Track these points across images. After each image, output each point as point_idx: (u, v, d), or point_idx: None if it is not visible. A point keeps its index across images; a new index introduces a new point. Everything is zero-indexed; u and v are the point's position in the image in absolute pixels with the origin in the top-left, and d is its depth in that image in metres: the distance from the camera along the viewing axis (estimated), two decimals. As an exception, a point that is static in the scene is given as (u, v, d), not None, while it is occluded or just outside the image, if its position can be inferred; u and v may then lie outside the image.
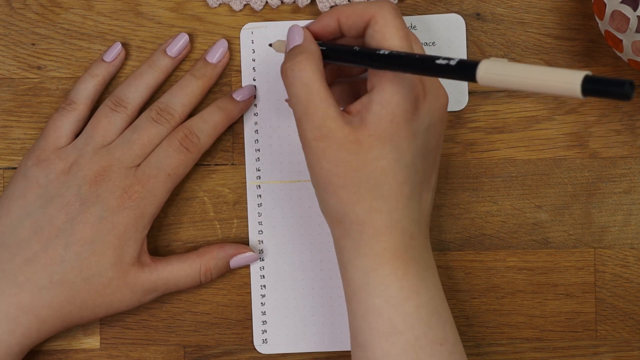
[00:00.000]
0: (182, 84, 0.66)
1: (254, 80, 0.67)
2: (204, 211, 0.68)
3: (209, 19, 0.67)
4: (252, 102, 0.67)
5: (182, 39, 0.66)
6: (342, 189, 0.57)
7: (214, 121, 0.65)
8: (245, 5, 0.67)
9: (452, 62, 0.53)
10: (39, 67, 0.67)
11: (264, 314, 0.67)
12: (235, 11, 0.67)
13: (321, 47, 0.60)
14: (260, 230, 0.68)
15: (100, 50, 0.67)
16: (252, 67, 0.67)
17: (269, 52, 0.67)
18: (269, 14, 0.67)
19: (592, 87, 0.47)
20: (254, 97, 0.67)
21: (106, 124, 0.64)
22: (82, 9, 0.67)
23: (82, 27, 0.67)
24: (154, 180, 0.64)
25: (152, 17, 0.67)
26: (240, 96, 0.67)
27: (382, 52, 0.57)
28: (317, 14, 0.67)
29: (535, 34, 0.67)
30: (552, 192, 0.67)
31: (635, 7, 0.60)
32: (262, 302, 0.67)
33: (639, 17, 0.60)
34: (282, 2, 0.67)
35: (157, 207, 0.64)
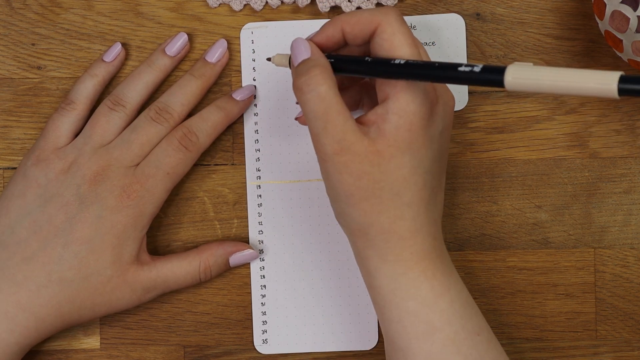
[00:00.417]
0: (182, 84, 0.66)
1: (254, 80, 0.67)
2: (204, 211, 0.68)
3: (209, 19, 0.67)
4: (252, 101, 0.67)
5: (181, 39, 0.66)
6: (365, 200, 0.57)
7: (213, 120, 0.65)
8: (245, 5, 0.67)
9: (476, 69, 0.52)
10: (39, 67, 0.68)
11: (264, 314, 0.67)
12: (235, 11, 0.67)
13: (329, 59, 0.58)
14: (260, 230, 0.68)
15: (100, 50, 0.67)
16: (252, 67, 0.67)
17: (268, 52, 0.67)
18: (269, 14, 0.67)
19: (629, 86, 0.47)
20: (254, 96, 0.67)
21: (105, 124, 0.64)
22: (82, 9, 0.67)
23: (82, 27, 0.67)
24: (153, 179, 0.64)
25: (152, 17, 0.67)
26: (240, 96, 0.67)
27: (397, 61, 0.55)
28: (317, 14, 0.67)
29: (535, 34, 0.67)
30: (552, 192, 0.67)
31: (635, 7, 0.60)
32: (262, 302, 0.67)
33: (639, 17, 0.60)
34: (282, 2, 0.67)
35: (156, 206, 0.64)
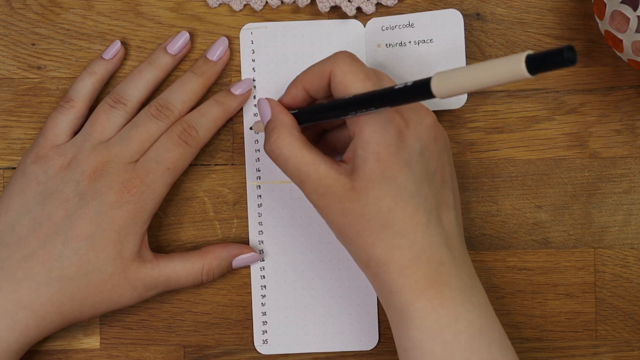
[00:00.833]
0: (183, 81, 0.66)
1: (254, 80, 0.67)
2: (204, 211, 0.68)
3: (209, 19, 0.67)
4: (250, 95, 0.67)
5: (182, 37, 0.66)
6: (356, 235, 0.58)
7: (212, 115, 0.65)
8: (245, 5, 0.67)
9: (409, 83, 0.53)
10: (39, 67, 0.67)
11: (264, 314, 0.67)
12: (235, 11, 0.67)
13: (293, 113, 0.61)
14: (260, 230, 0.67)
15: (100, 50, 0.67)
16: (252, 67, 0.67)
17: (268, 52, 0.67)
18: (269, 14, 0.67)
19: (536, 64, 0.47)
20: (254, 88, 0.67)
21: (105, 121, 0.64)
22: (82, 9, 0.67)
23: (82, 27, 0.67)
24: (153, 174, 0.63)
25: (152, 17, 0.67)
26: (238, 90, 0.67)
27: (345, 99, 0.58)
28: (317, 14, 0.67)
29: (535, 34, 0.67)
30: (552, 192, 0.67)
31: (635, 7, 0.60)
32: (262, 302, 0.67)
33: (639, 17, 0.60)
34: (282, 2, 0.67)
35: (157, 201, 0.64)
